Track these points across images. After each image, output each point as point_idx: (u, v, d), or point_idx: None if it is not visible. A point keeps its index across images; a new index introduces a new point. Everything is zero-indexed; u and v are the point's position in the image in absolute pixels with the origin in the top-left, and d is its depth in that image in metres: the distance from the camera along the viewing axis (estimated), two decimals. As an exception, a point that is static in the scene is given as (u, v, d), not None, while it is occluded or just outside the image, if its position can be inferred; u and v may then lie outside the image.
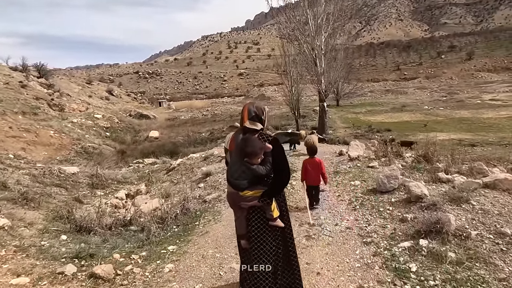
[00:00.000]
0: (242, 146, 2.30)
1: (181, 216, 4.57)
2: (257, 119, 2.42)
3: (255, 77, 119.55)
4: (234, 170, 2.32)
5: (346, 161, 7.20)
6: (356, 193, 5.22)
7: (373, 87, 69.04)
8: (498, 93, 39.80)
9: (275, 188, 2.39)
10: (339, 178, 6.15)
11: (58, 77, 58.67)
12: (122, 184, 8.47)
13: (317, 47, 16.77)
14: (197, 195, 6.07)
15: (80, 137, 19.55)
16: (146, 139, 25.64)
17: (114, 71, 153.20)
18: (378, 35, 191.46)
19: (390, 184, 4.85)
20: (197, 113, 47.05)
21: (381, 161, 6.66)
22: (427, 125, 20.63)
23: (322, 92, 17.84)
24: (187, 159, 10.34)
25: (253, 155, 2.26)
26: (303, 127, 24.38)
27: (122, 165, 12.89)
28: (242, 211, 2.44)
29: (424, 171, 5.65)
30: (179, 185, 7.51)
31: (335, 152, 9.02)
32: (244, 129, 2.42)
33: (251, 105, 2.49)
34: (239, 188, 2.31)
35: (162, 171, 9.88)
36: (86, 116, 29.02)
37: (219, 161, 9.16)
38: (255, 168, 2.28)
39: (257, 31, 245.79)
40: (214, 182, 6.83)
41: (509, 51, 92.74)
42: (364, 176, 5.98)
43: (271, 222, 2.41)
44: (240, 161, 2.30)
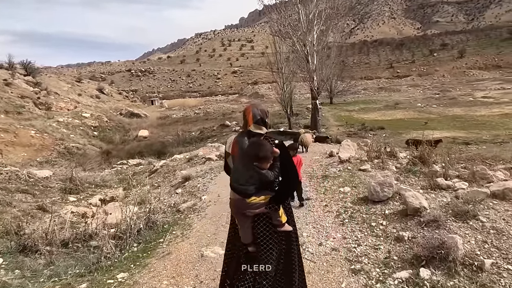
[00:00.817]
0: (253, 151, 2.18)
1: (146, 231, 4.02)
2: (262, 122, 2.36)
3: (249, 75, 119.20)
4: (240, 175, 2.20)
5: (336, 164, 6.67)
6: (345, 203, 4.69)
7: (367, 85, 69.10)
8: (489, 91, 39.97)
9: (284, 193, 2.34)
10: (327, 184, 5.67)
11: (46, 75, 57.46)
12: (100, 188, 7.95)
13: (309, 43, 16.34)
14: (172, 202, 5.60)
15: (64, 137, 18.81)
16: (135, 138, 24.97)
17: (106, 69, 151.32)
18: (372, 33, 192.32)
19: (384, 193, 4.33)
20: (189, 112, 46.30)
21: (374, 163, 6.22)
22: (428, 123, 20.11)
23: (314, 90, 17.43)
24: (170, 161, 9.81)
25: (265, 159, 2.17)
26: (296, 126, 23.98)
27: (105, 167, 12.33)
28: (247, 219, 2.29)
29: (420, 174, 5.24)
30: (159, 189, 7.03)
31: (325, 152, 8.49)
32: (249, 134, 2.34)
33: (255, 107, 2.39)
34: (246, 195, 2.19)
35: (145, 173, 9.36)
36: (73, 115, 28.21)
37: (202, 162, 8.69)
38: (265, 173, 2.18)
39: (251, 28, 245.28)
40: (192, 188, 6.37)
41: (499, 49, 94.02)
42: (355, 181, 5.51)
43: (279, 228, 2.32)
44: (247, 166, 2.18)
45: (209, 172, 7.46)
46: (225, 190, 5.64)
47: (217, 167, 7.93)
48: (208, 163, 8.38)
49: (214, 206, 5.14)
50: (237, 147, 2.36)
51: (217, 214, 4.73)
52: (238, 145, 2.35)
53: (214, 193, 5.76)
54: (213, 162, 8.46)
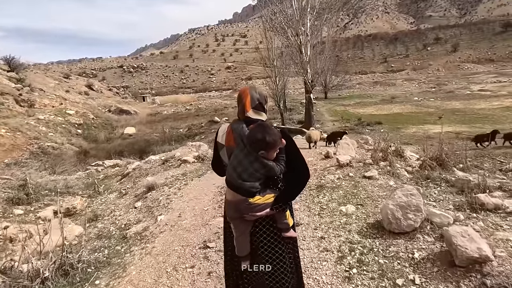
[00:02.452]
0: (260, 135, 1.77)
1: (55, 279, 2.73)
2: (261, 108, 2.00)
3: (243, 70, 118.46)
4: (243, 169, 1.82)
5: (334, 168, 5.41)
6: (349, 233, 3.32)
7: (361, 79, 68.53)
8: (486, 84, 39.49)
9: (294, 190, 1.94)
10: (323, 199, 4.39)
11: (32, 71, 55.75)
12: (62, 195, 6.85)
13: (302, 32, 15.26)
14: (124, 222, 4.52)
15: (39, 136, 17.53)
16: (120, 136, 23.76)
17: (97, 65, 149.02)
18: (365, 28, 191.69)
19: (409, 221, 2.93)
20: (180, 108, 45.19)
21: (380, 166, 5.11)
22: (442, 117, 18.92)
23: (308, 83, 16.42)
24: (144, 163, 8.73)
25: (272, 146, 1.79)
26: (289, 121, 23.00)
27: (79, 168, 11.20)
28: (246, 224, 1.93)
29: (441, 182, 4.19)
30: (123, 199, 5.96)
31: (320, 153, 7.25)
32: (247, 120, 1.95)
33: (253, 90, 2.02)
34: (250, 193, 1.83)
35: (117, 176, 8.28)
36: (56, 112, 26.85)
37: (177, 166, 7.60)
38: (271, 164, 1.82)
39: (244, 23, 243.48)
40: (153, 201, 5.28)
41: (492, 43, 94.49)
42: (360, 194, 4.31)
43: (284, 233, 1.96)
44: (250, 156, 1.81)
45: (180, 179, 6.43)
46: (189, 207, 4.74)
47: (192, 171, 6.96)
48: (183, 167, 7.31)
49: (168, 234, 3.97)
50: (234, 135, 1.94)
51: (167, 248, 3.53)
52: (236, 133, 1.94)
53: (175, 211, 4.67)
54: (189, 166, 7.39)
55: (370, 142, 7.64)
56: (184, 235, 3.83)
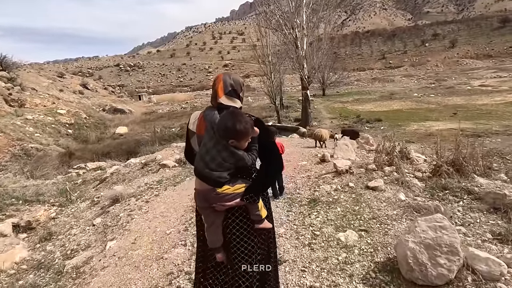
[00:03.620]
0: (229, 123, 1.64)
1: None
2: (235, 94, 1.87)
3: (241, 68, 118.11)
4: (210, 158, 1.68)
5: (331, 176, 4.60)
6: (351, 282, 2.38)
7: (360, 76, 67.95)
8: (486, 79, 38.89)
9: (266, 180, 1.84)
10: (317, 219, 3.52)
11: (25, 71, 54.94)
12: (29, 204, 6.16)
13: (298, 26, 14.53)
14: (72, 248, 3.81)
15: (24, 137, 16.75)
16: (111, 136, 23.00)
17: (94, 64, 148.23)
18: (363, 24, 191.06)
19: (439, 269, 2.03)
20: (176, 106, 44.54)
21: (386, 173, 4.32)
22: (456, 113, 17.77)
23: (304, 79, 15.71)
24: (123, 166, 8.01)
25: (243, 134, 1.66)
26: (286, 119, 22.32)
27: (60, 172, 10.50)
28: (217, 215, 1.80)
29: (461, 193, 3.46)
30: (90, 210, 5.25)
31: (315, 155, 6.32)
32: (219, 107, 1.81)
33: (227, 76, 1.90)
34: (218, 183, 1.70)
35: (95, 181, 7.58)
36: (46, 112, 26.07)
37: (156, 170, 6.88)
38: (241, 154, 1.69)
39: (242, 21, 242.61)
40: (113, 218, 4.53)
41: (490, 38, 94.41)
42: (364, 213, 3.50)
43: (257, 225, 1.84)
44: (219, 145, 1.68)
45: (153, 188, 5.70)
46: (151, 228, 4.02)
47: (169, 178, 6.24)
48: (161, 172, 6.58)
49: (112, 271, 3.14)
50: (206, 123, 1.80)
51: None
52: (207, 120, 1.80)
53: (131, 235, 3.88)
54: (167, 171, 6.66)
55: (371, 141, 6.92)
56: (130, 274, 3.02)
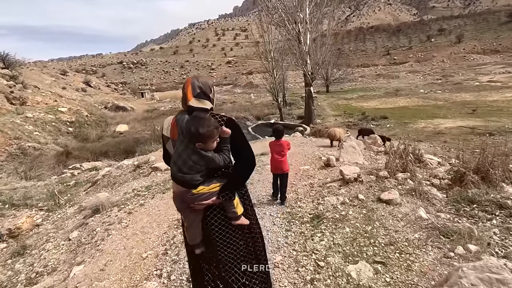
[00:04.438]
0: (192, 127, 1.71)
1: None
2: (204, 96, 1.88)
3: (244, 64, 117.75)
4: (182, 162, 1.75)
5: (337, 185, 4.03)
6: None
7: (364, 72, 67.03)
8: (494, 75, 38.00)
9: (239, 178, 1.92)
10: (321, 243, 2.96)
11: (28, 68, 54.98)
12: (16, 208, 5.80)
13: (301, 20, 13.99)
14: (38, 270, 3.37)
15: (22, 136, 16.44)
16: (111, 134, 22.65)
17: (97, 61, 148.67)
18: (367, 20, 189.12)
19: None
20: (178, 104, 44.20)
21: (399, 180, 3.78)
22: (476, 110, 16.96)
23: (308, 75, 15.17)
24: (116, 168, 7.63)
25: (207, 137, 1.72)
26: (289, 116, 21.84)
27: (55, 172, 10.15)
28: (196, 214, 1.88)
29: (492, 207, 2.98)
30: (73, 219, 4.86)
31: (319, 157, 5.72)
32: (190, 109, 1.84)
33: (194, 79, 1.91)
34: (191, 185, 1.78)
35: (88, 183, 7.20)
36: (47, 110, 25.82)
37: (147, 173, 6.46)
38: (211, 156, 1.76)
39: (245, 17, 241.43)
40: (88, 234, 4.04)
41: (497, 33, 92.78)
42: (378, 236, 2.91)
43: (234, 221, 1.92)
44: (188, 149, 1.74)
45: (140, 195, 5.26)
46: (126, 249, 3.53)
47: (159, 183, 5.78)
48: (152, 176, 6.16)
49: None
50: (176, 128, 1.86)
51: None
52: (178, 125, 1.85)
53: (102, 258, 3.39)
54: (159, 175, 6.22)
55: (379, 141, 6.44)
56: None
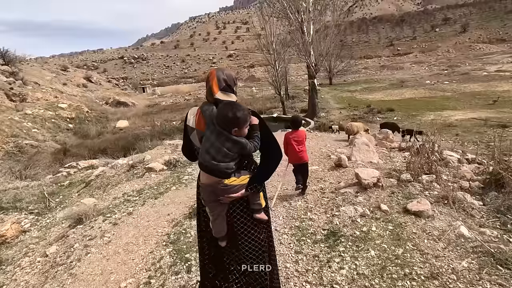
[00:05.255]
0: (230, 112, 1.71)
1: None
2: (230, 89, 1.89)
3: (245, 58, 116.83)
4: (216, 150, 1.74)
5: (352, 191, 3.50)
6: None
7: (367, 64, 66.04)
8: (502, 64, 37.09)
9: (268, 169, 1.90)
10: (339, 273, 2.44)
11: (28, 64, 54.70)
12: (5, 211, 5.43)
13: (304, 9, 13.40)
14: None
15: (19, 133, 16.09)
16: (112, 130, 22.29)
17: (98, 57, 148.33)
18: (370, 11, 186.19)
19: None
20: (179, 98, 43.77)
21: (424, 185, 3.24)
22: (497, 101, 16.02)
23: (311, 66, 14.61)
24: (110, 168, 7.22)
25: (244, 121, 1.74)
26: (292, 110, 21.32)
27: (51, 171, 9.79)
28: (222, 207, 1.88)
29: None
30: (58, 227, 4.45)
31: (327, 156, 5.20)
32: (217, 102, 1.83)
33: (219, 71, 1.89)
34: (225, 174, 1.77)
35: (82, 184, 6.81)
36: (47, 106, 25.49)
37: (141, 175, 6.03)
38: (244, 141, 1.77)
39: (246, 10, 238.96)
40: (65, 251, 3.55)
41: (504, 22, 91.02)
42: (414, 265, 2.36)
43: (256, 214, 1.93)
44: (222, 137, 1.74)
45: (130, 201, 4.83)
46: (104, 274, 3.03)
47: (152, 187, 5.37)
48: (146, 177, 5.71)
49: None
50: (204, 117, 1.85)
51: None
52: (206, 116, 1.84)
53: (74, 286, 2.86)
54: (153, 176, 5.80)
55: (391, 137, 5.95)
56: None
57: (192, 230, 3.53)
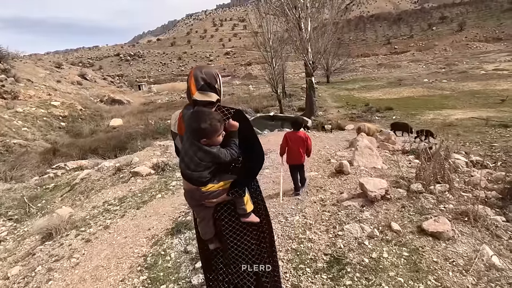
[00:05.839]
0: (194, 123, 1.64)
1: None
2: (209, 88, 1.75)
3: (242, 55, 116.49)
4: (189, 160, 1.70)
5: (357, 205, 3.07)
6: None
7: (365, 62, 65.91)
8: (499, 63, 37.00)
9: (248, 174, 1.84)
10: None
11: (21, 61, 53.94)
12: (-20, 219, 5.06)
13: (301, 5, 13.04)
14: None
15: (8, 132, 15.59)
16: (105, 129, 21.81)
17: (94, 54, 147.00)
18: (368, 9, 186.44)
19: None
20: (175, 96, 43.30)
21: (437, 195, 2.86)
22: (506, 100, 15.39)
23: (309, 64, 14.26)
24: (96, 170, 6.81)
25: (210, 132, 1.63)
26: (289, 109, 21.00)
27: (38, 172, 9.38)
28: (207, 210, 1.87)
29: None
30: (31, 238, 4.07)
31: (327, 160, 4.87)
32: (195, 103, 1.74)
33: (197, 70, 1.77)
34: (200, 183, 1.73)
35: (67, 187, 6.43)
36: (39, 104, 24.96)
37: (127, 179, 5.63)
38: (216, 151, 1.67)
39: (243, 7, 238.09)
40: (26, 275, 3.12)
41: (500, 20, 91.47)
42: None
43: (243, 218, 1.87)
44: (193, 146, 1.67)
45: (109, 211, 4.41)
46: None
47: (136, 194, 4.96)
48: (131, 183, 5.28)
49: None
50: (183, 123, 1.78)
51: None
52: (184, 120, 1.76)
53: None
54: (139, 181, 5.36)
55: (393, 138, 5.62)
56: None
57: (172, 252, 3.17)
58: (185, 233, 3.51)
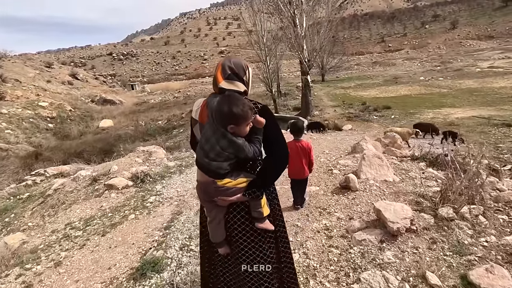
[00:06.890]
0: (225, 106, 1.51)
1: None
2: (237, 78, 1.69)
3: (237, 54, 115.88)
4: (210, 147, 1.57)
5: (375, 240, 2.36)
6: None
7: (359, 60, 65.83)
8: (494, 60, 36.96)
9: (270, 174, 1.68)
10: None
11: (10, 61, 52.77)
12: None
13: (296, 0, 12.53)
14: None
15: (-11, 135, 14.91)
16: (94, 130, 21.12)
17: (86, 53, 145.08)
18: (361, 7, 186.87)
19: None
20: (169, 96, 42.61)
21: (472, 223, 2.22)
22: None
23: (304, 62, 13.77)
24: (71, 180, 6.19)
25: (241, 118, 1.50)
26: (284, 108, 20.52)
27: (17, 179, 8.76)
28: (219, 209, 1.71)
29: None
30: None
31: (329, 170, 4.26)
32: (221, 92, 1.67)
33: (226, 60, 1.73)
34: (217, 174, 1.60)
35: (40, 198, 5.83)
36: (26, 105, 24.14)
37: (100, 193, 5.02)
38: (241, 143, 1.55)
39: (237, 6, 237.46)
40: None
41: (492, 19, 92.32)
42: None
43: (258, 223, 1.70)
44: (218, 133, 1.55)
45: (68, 238, 3.69)
46: None
47: (106, 213, 4.26)
48: (104, 198, 4.63)
49: None
50: (206, 111, 1.69)
51: None
52: (208, 107, 1.67)
53: None
54: (113, 196, 4.71)
55: (399, 142, 5.12)
56: None
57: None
58: (151, 279, 2.76)
